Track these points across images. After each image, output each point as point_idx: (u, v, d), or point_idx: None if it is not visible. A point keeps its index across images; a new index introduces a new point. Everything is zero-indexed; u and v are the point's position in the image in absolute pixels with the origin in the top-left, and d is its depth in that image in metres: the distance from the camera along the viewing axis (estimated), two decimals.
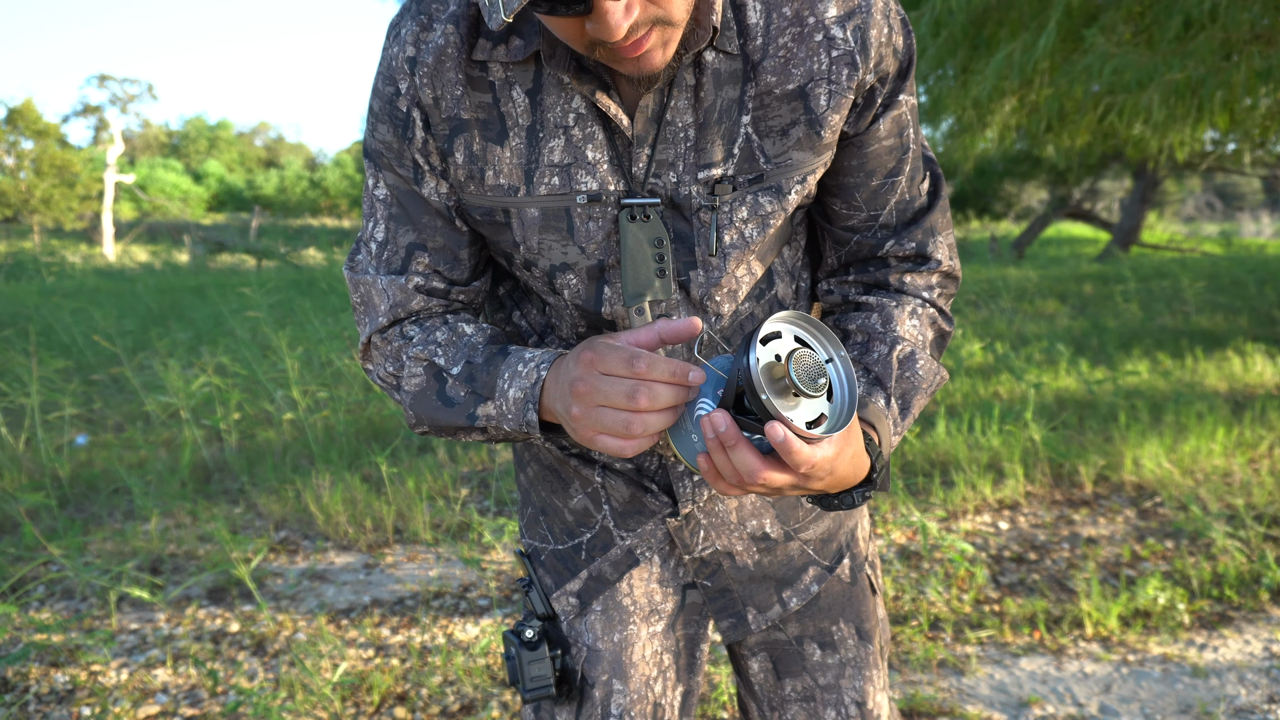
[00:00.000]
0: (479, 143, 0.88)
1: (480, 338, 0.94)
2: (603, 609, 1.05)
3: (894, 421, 0.93)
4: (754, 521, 1.05)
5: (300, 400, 4.50)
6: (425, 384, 0.93)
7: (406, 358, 0.94)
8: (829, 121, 0.88)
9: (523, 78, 0.87)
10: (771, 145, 0.89)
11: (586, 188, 0.88)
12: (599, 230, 0.90)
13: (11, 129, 23.29)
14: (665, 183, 0.89)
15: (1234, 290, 9.27)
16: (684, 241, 0.91)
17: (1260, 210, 35.10)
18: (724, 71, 0.86)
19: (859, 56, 0.86)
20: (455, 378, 0.91)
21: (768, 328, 0.74)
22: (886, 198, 0.96)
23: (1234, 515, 3.18)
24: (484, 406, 0.90)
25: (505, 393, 0.88)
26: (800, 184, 0.91)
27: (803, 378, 0.73)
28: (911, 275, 0.98)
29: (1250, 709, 2.17)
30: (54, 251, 18.71)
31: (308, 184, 36.59)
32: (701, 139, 0.88)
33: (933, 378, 0.97)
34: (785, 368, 0.73)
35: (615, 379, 0.76)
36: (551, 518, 1.08)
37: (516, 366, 0.88)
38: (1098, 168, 17.11)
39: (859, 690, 1.08)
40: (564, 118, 0.87)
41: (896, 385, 0.94)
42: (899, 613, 2.62)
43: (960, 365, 5.49)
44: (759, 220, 0.91)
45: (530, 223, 0.90)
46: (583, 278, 0.92)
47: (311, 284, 10.28)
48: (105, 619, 2.68)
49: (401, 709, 2.20)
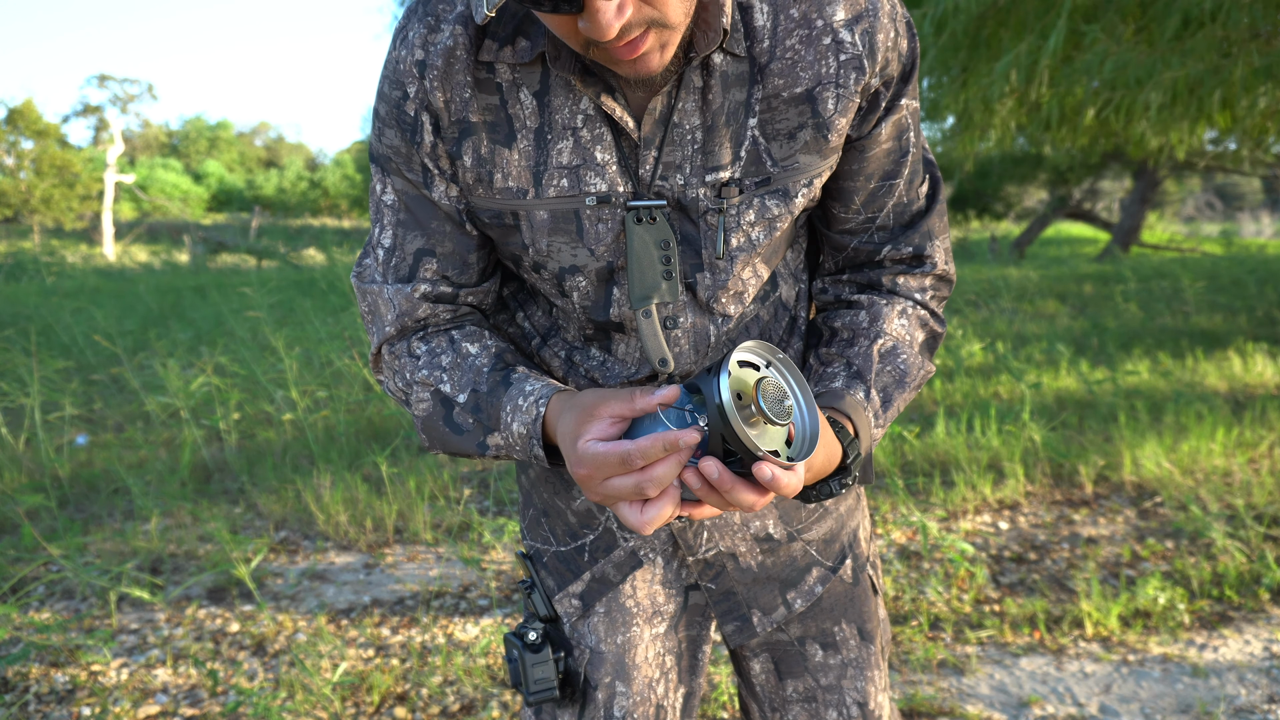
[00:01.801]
0: (487, 145, 0.88)
1: (485, 360, 0.94)
2: (606, 611, 1.05)
3: (874, 414, 0.93)
4: (757, 522, 1.04)
5: (300, 400, 4.50)
6: (433, 409, 0.94)
7: (414, 380, 0.95)
8: (836, 125, 0.88)
9: (530, 80, 0.86)
10: (779, 148, 0.88)
11: (595, 189, 0.88)
12: (608, 232, 0.89)
13: (11, 129, 23.29)
14: (672, 185, 0.88)
15: (1234, 290, 9.27)
16: (690, 244, 0.91)
17: (1260, 210, 35.09)
18: (731, 74, 0.86)
19: (866, 60, 0.86)
20: (462, 406, 0.92)
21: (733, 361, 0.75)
22: (884, 200, 0.96)
23: (1234, 515, 3.18)
24: (492, 437, 0.91)
25: (509, 426, 0.89)
26: (807, 187, 0.91)
27: (772, 406, 0.74)
28: (905, 277, 0.99)
29: (1250, 709, 2.17)
30: (54, 251, 18.72)
31: (308, 184, 36.59)
32: (709, 141, 0.87)
33: (916, 372, 0.97)
34: (754, 397, 0.74)
35: (618, 480, 0.76)
36: (554, 519, 1.08)
37: (518, 400, 0.89)
38: (1098, 168, 17.11)
39: (860, 691, 1.08)
40: (572, 119, 0.87)
41: (877, 379, 0.94)
42: (899, 613, 2.62)
43: (960, 365, 5.49)
44: (766, 224, 0.91)
45: (539, 225, 0.90)
46: (592, 280, 0.92)
47: (311, 284, 10.28)
48: (105, 619, 2.68)
49: (401, 709, 2.20)
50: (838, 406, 0.90)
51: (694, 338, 0.95)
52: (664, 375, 0.94)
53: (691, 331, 0.94)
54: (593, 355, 0.99)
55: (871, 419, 0.92)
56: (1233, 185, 33.84)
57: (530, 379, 0.91)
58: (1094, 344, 6.39)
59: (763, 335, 1.00)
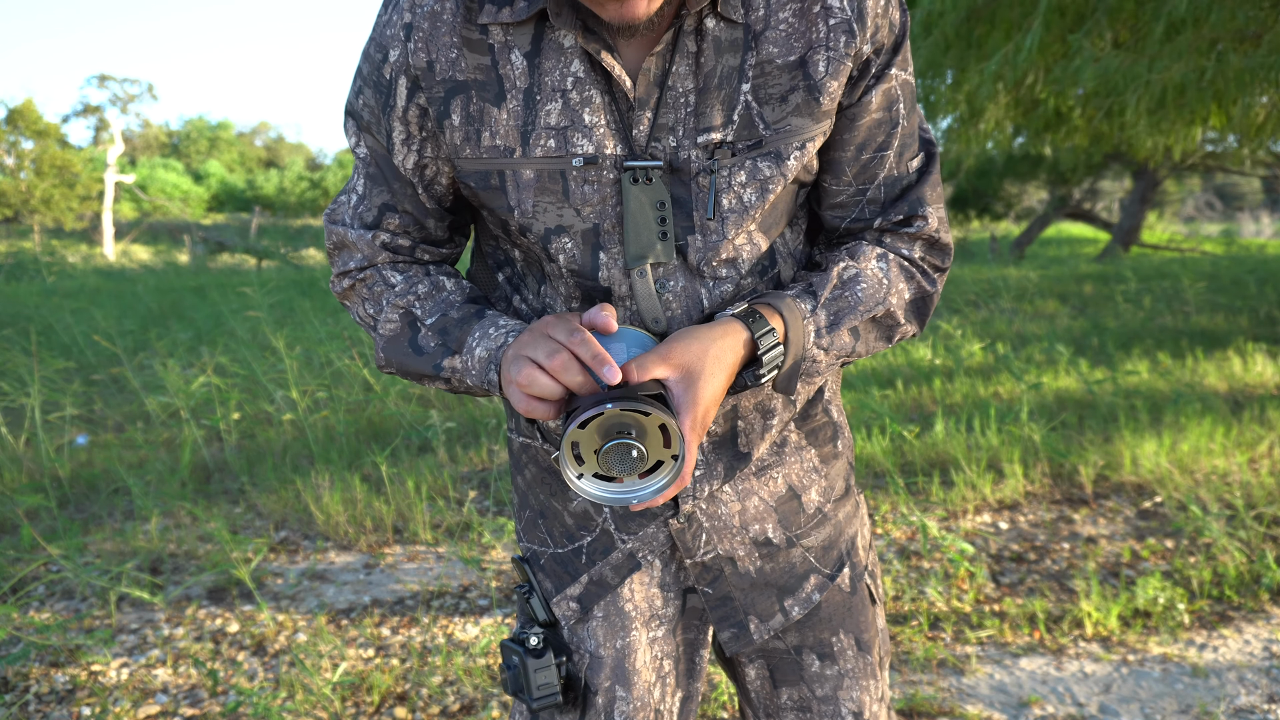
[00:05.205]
0: (476, 104, 0.90)
1: (459, 295, 0.99)
2: (604, 615, 1.04)
3: (817, 330, 0.94)
4: (756, 526, 1.04)
5: (300, 400, 4.50)
6: (399, 330, 0.98)
7: (386, 304, 0.99)
8: (828, 88, 0.90)
9: (521, 41, 0.88)
10: (771, 112, 0.90)
11: (583, 150, 0.89)
12: (594, 193, 0.91)
13: (12, 129, 23.28)
14: (665, 146, 0.90)
15: (1234, 290, 9.27)
16: (682, 206, 0.92)
17: (1260, 210, 35.08)
18: (724, 40, 0.88)
19: (855, 24, 0.88)
20: (429, 328, 0.97)
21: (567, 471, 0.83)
22: (875, 172, 0.97)
23: (1234, 515, 3.18)
24: (451, 359, 0.95)
25: (472, 350, 0.93)
26: (799, 150, 0.92)
27: (622, 465, 0.82)
28: (893, 237, 0.99)
29: (1250, 709, 2.17)
30: (54, 251, 18.72)
31: (308, 184, 36.57)
32: (701, 104, 0.89)
33: (875, 305, 0.96)
34: (609, 469, 0.82)
35: (547, 339, 0.85)
36: (551, 520, 1.07)
37: (489, 329, 0.94)
38: (1098, 168, 17.11)
39: (856, 700, 1.07)
40: (562, 81, 0.88)
41: (830, 302, 0.95)
42: (899, 613, 2.62)
43: (960, 365, 5.49)
44: (758, 185, 0.92)
45: (525, 185, 0.91)
46: (578, 242, 0.93)
47: (311, 284, 10.28)
48: (105, 619, 2.68)
49: (401, 709, 2.20)
50: (773, 303, 0.92)
51: (685, 301, 0.95)
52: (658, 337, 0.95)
53: (683, 295, 0.95)
54: None
55: (811, 331, 0.93)
56: (1233, 185, 33.83)
57: (505, 317, 0.95)
58: (1094, 344, 6.39)
59: None
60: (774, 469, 1.04)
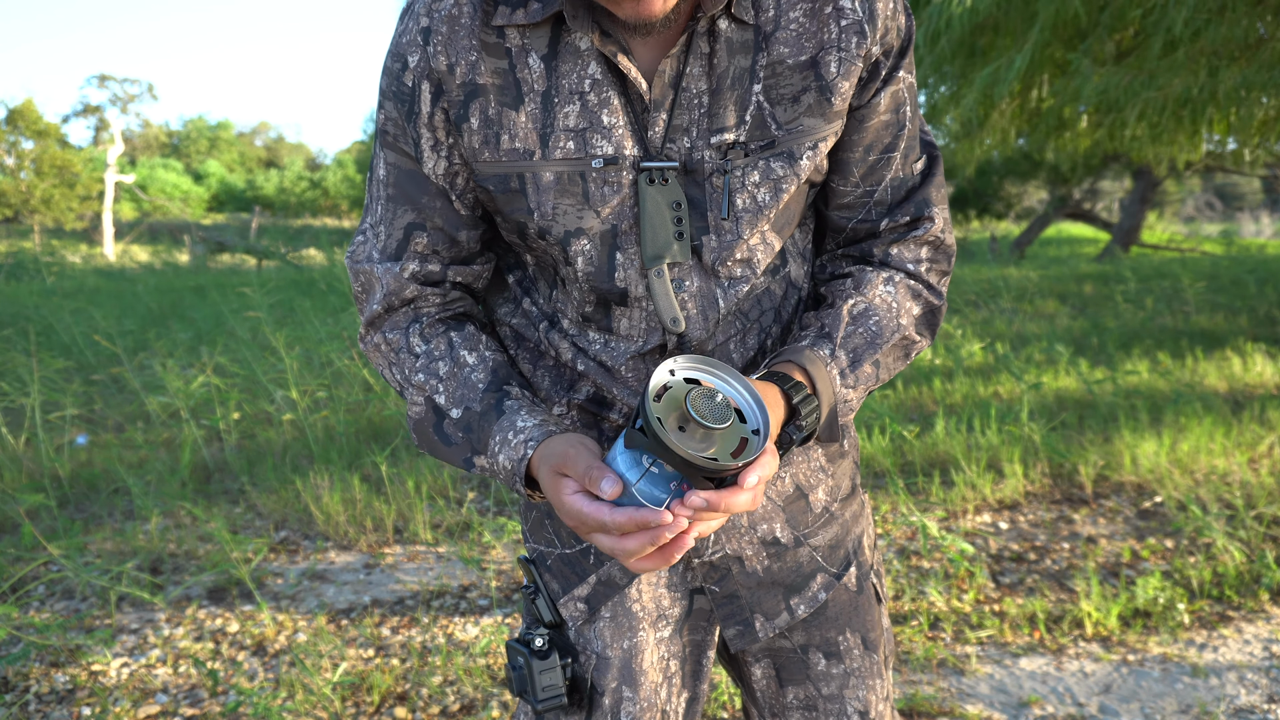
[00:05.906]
0: (494, 107, 0.90)
1: (482, 375, 0.96)
2: (611, 615, 1.04)
3: (840, 371, 0.94)
4: (764, 526, 1.04)
5: (300, 400, 4.50)
6: (424, 415, 0.98)
7: (410, 382, 0.98)
8: (839, 89, 0.91)
9: (538, 44, 0.89)
10: (783, 112, 0.91)
11: (602, 152, 0.90)
12: (613, 194, 0.91)
13: (12, 129, 23.29)
14: (679, 147, 0.91)
15: (1234, 290, 9.26)
16: (696, 207, 0.92)
17: (1260, 210, 35.08)
18: (736, 41, 0.89)
19: (867, 25, 0.89)
20: (454, 421, 0.95)
21: (649, 397, 0.79)
22: (881, 173, 0.97)
23: (1234, 515, 3.18)
24: (479, 459, 0.94)
25: (496, 455, 0.93)
26: (812, 150, 0.92)
27: (707, 412, 0.78)
28: (899, 246, 1.00)
29: (1250, 709, 2.17)
30: (54, 251, 18.72)
31: (308, 184, 36.57)
32: (714, 105, 0.90)
33: (892, 334, 0.97)
34: (688, 414, 0.78)
35: (599, 537, 0.83)
36: (558, 521, 1.07)
37: (508, 434, 0.92)
38: (1098, 168, 17.12)
39: (862, 700, 1.07)
40: (579, 83, 0.89)
41: (846, 339, 0.95)
42: (899, 613, 2.62)
43: (960, 365, 5.49)
44: (771, 185, 0.92)
45: (545, 187, 0.91)
46: (596, 244, 0.93)
47: (311, 284, 10.27)
48: (105, 619, 2.68)
49: (401, 709, 2.20)
50: (794, 359, 0.92)
51: (701, 302, 0.95)
52: (674, 338, 0.95)
53: (699, 295, 0.95)
54: (593, 339, 0.99)
55: (836, 375, 0.93)
56: (1233, 185, 33.83)
57: (523, 412, 0.93)
58: (1094, 344, 6.39)
59: (774, 311, 1.00)
60: (781, 469, 1.04)
